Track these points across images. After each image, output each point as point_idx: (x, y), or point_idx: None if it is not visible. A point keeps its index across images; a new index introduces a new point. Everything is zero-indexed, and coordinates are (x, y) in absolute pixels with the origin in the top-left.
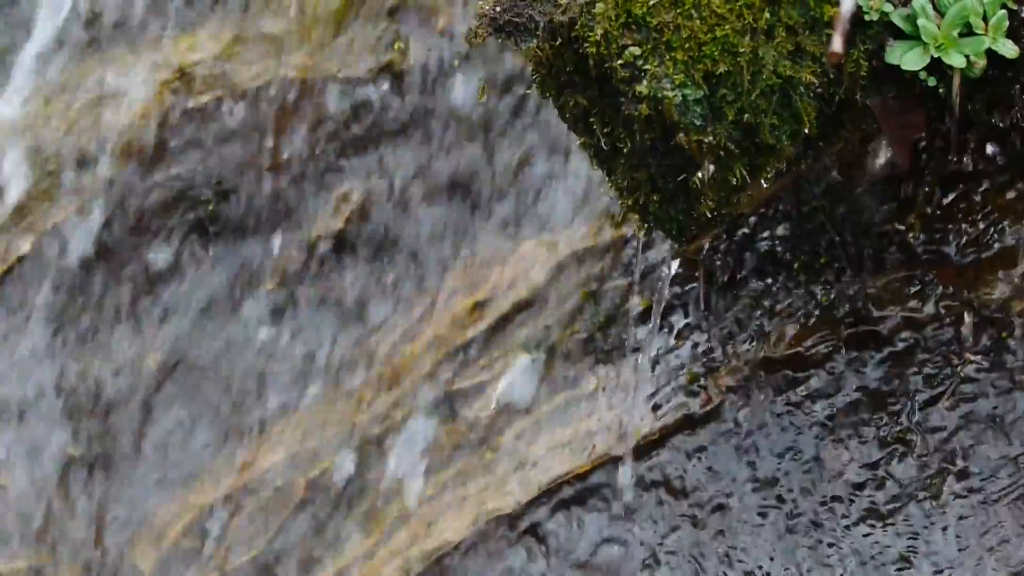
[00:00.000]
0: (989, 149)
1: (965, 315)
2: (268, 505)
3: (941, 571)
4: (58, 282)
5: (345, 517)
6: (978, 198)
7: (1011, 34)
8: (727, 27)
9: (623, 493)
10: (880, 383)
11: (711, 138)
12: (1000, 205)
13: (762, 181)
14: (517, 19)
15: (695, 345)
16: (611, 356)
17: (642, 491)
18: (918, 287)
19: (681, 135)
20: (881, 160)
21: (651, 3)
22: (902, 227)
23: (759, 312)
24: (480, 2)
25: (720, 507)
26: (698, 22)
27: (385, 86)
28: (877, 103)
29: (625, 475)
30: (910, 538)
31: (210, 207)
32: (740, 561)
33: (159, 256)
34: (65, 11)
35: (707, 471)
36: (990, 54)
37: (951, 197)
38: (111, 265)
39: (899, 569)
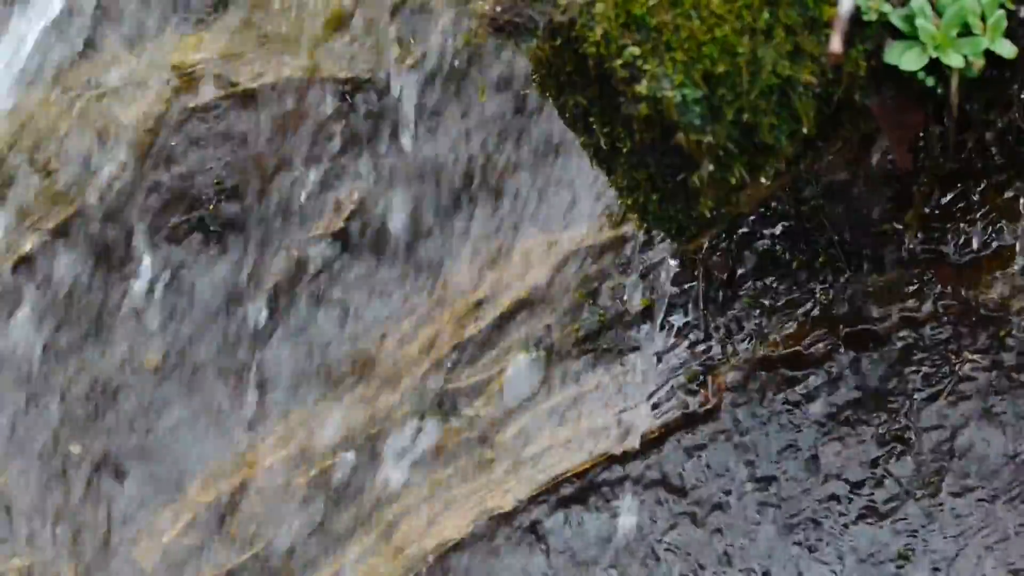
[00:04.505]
0: (987, 149)
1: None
2: (268, 504)
3: (939, 569)
4: (59, 281)
5: (345, 516)
6: (976, 197)
7: (1009, 34)
8: (726, 27)
9: (624, 492)
10: (879, 382)
11: (710, 138)
12: (998, 205)
13: (761, 181)
14: (517, 19)
15: (694, 344)
16: (611, 355)
17: (642, 489)
18: (916, 286)
19: (680, 135)
20: (879, 159)
21: (650, 3)
22: (900, 226)
23: (758, 311)
24: (480, 2)
25: (719, 505)
26: (697, 22)
27: (385, 86)
28: (876, 103)
29: (628, 473)
30: (909, 536)
31: (211, 206)
32: (739, 559)
33: (160, 256)
34: (65, 10)
35: (706, 469)
36: (988, 54)
37: (949, 197)
38: (112, 264)
39: (898, 567)
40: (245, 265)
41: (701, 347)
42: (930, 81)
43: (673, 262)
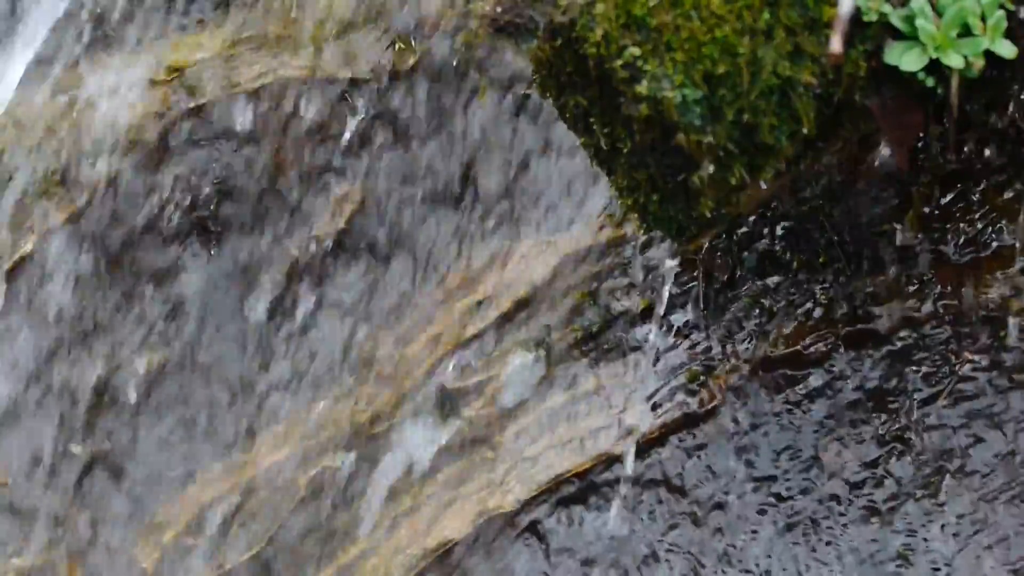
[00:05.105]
0: (987, 149)
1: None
2: (268, 503)
3: (939, 569)
4: (59, 282)
5: (345, 516)
6: (976, 197)
7: (1009, 35)
8: (726, 28)
9: (624, 490)
10: (879, 382)
11: (710, 138)
12: (998, 205)
13: (761, 181)
14: (518, 20)
15: (694, 344)
16: (611, 355)
17: (642, 489)
18: (916, 286)
19: (681, 135)
20: (879, 160)
21: (651, 4)
22: (900, 226)
23: (758, 311)
24: (480, 2)
25: (719, 505)
26: (698, 23)
27: (385, 86)
28: (876, 103)
29: (627, 471)
30: (908, 536)
31: (211, 207)
32: (739, 559)
33: (160, 256)
34: (66, 10)
35: (706, 469)
36: (988, 55)
37: (949, 197)
38: (112, 265)
39: (897, 567)
40: (245, 265)
41: (701, 347)
42: (930, 81)
43: (673, 262)
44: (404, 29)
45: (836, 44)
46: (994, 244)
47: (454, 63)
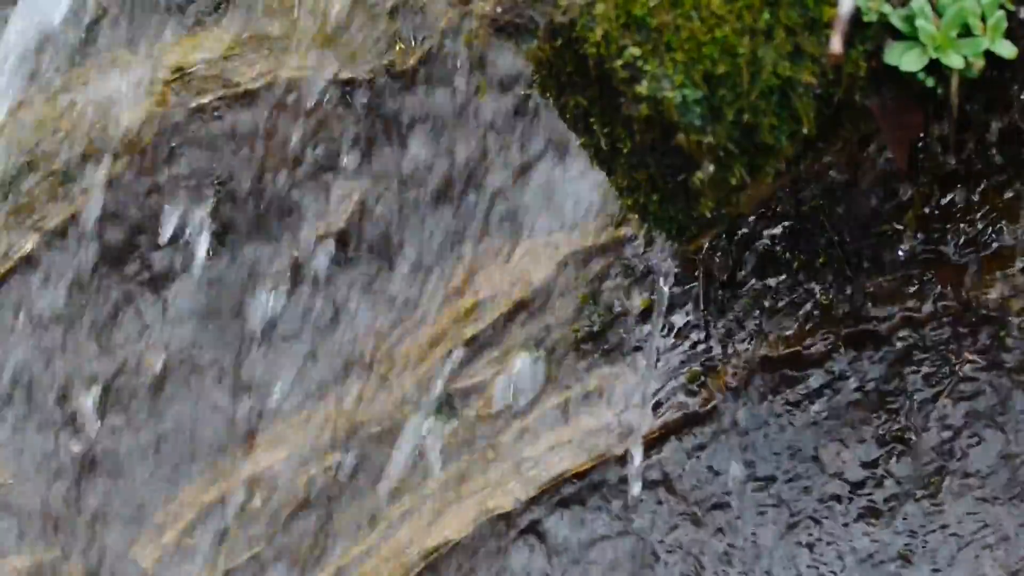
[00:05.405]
0: (987, 149)
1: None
2: (269, 504)
3: (939, 569)
4: (60, 282)
5: (345, 516)
6: (976, 198)
7: (1009, 35)
8: (726, 28)
9: (630, 489)
10: (879, 382)
11: (710, 138)
12: (998, 205)
13: (762, 181)
14: (518, 20)
15: (695, 344)
16: (611, 356)
17: (642, 489)
18: (916, 286)
19: (681, 135)
20: (879, 160)
21: (651, 4)
22: (900, 227)
23: (758, 311)
24: (481, 2)
25: (720, 505)
26: (698, 23)
27: (386, 87)
28: (876, 103)
29: (633, 471)
30: (909, 536)
31: (211, 207)
32: (739, 559)
33: (161, 256)
34: (65, 10)
35: (707, 469)
36: (988, 55)
37: (949, 197)
38: (113, 265)
39: (897, 567)
40: (246, 265)
41: (701, 347)
42: (930, 82)
43: (673, 262)
44: (404, 29)
45: (836, 44)
46: (994, 244)
47: (454, 63)
